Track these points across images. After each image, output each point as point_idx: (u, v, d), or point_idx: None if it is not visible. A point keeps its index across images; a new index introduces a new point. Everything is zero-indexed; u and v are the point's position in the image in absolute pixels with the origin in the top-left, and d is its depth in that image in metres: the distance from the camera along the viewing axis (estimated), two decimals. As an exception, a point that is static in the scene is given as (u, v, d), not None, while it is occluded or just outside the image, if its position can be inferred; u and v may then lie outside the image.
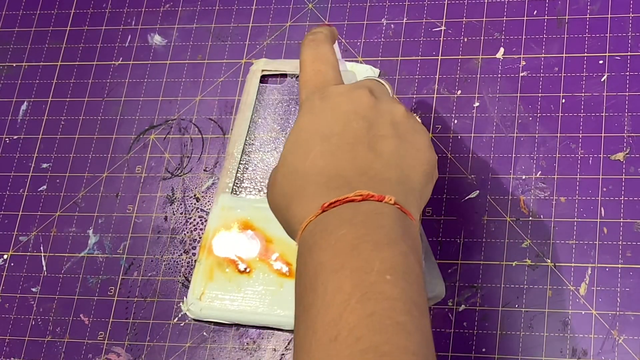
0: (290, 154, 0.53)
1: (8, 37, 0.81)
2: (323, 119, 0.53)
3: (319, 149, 0.52)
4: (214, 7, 0.77)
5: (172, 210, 0.72)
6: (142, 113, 0.75)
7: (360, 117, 0.53)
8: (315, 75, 0.56)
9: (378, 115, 0.54)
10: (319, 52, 0.57)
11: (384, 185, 0.51)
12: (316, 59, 0.57)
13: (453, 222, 0.67)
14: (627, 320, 0.62)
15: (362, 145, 0.52)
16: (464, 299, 0.65)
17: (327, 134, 0.52)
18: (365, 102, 0.54)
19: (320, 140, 0.52)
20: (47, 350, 0.69)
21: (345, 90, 0.54)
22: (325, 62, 0.57)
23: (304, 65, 0.57)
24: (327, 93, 0.54)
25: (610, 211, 0.65)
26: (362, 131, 0.52)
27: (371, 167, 0.51)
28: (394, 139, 0.53)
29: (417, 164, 0.53)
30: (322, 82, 0.56)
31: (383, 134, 0.53)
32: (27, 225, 0.74)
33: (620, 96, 0.68)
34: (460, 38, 0.72)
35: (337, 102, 0.54)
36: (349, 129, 0.52)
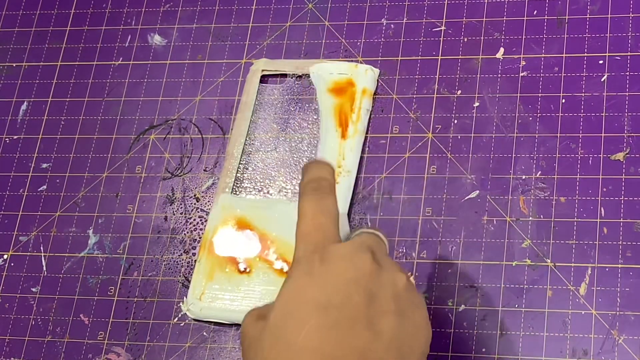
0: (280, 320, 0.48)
1: (8, 37, 0.81)
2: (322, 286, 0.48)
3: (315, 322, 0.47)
4: (214, 7, 0.77)
5: (172, 210, 0.72)
6: (142, 113, 0.75)
7: (362, 288, 0.49)
8: (317, 231, 0.51)
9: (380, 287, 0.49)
10: (323, 204, 0.52)
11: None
12: (318, 212, 0.52)
13: (453, 222, 0.67)
14: (627, 320, 0.62)
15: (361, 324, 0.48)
16: (464, 299, 0.65)
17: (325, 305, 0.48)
18: (367, 271, 0.49)
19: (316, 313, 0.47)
20: (47, 350, 0.69)
21: (348, 253, 0.50)
22: (327, 217, 0.52)
23: (304, 216, 0.52)
24: (328, 255, 0.50)
25: (610, 211, 0.65)
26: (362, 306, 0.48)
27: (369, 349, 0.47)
28: (395, 316, 0.49)
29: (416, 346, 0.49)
30: (322, 240, 0.51)
31: (384, 309, 0.49)
32: (27, 225, 0.74)
33: (620, 96, 0.68)
34: (460, 38, 0.72)
35: (338, 267, 0.49)
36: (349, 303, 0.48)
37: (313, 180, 0.53)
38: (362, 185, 0.69)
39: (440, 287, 0.65)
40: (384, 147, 0.70)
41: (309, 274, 0.49)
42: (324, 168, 0.55)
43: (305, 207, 0.52)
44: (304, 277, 0.49)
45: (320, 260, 0.49)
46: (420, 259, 0.66)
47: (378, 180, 0.69)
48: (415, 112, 0.71)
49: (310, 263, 0.49)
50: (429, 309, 0.65)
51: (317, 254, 0.50)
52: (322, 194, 0.53)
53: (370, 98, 0.71)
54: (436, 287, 0.65)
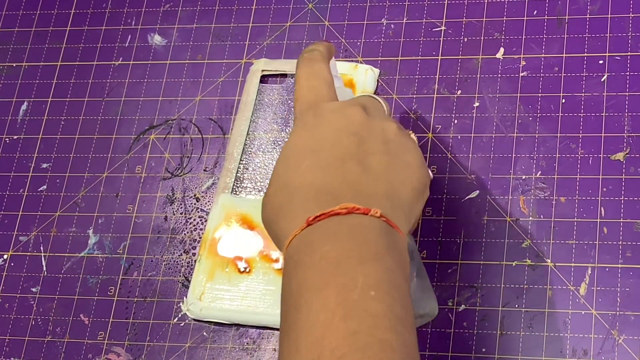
0: (281, 167, 0.53)
1: (8, 37, 0.81)
2: (315, 135, 0.53)
3: (309, 163, 0.52)
4: (214, 7, 0.77)
5: (172, 210, 0.72)
6: (142, 113, 0.75)
7: (352, 133, 0.53)
8: (310, 92, 0.56)
9: (369, 132, 0.54)
10: (314, 69, 0.57)
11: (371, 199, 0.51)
12: (311, 75, 0.57)
13: (453, 222, 0.67)
14: (627, 320, 0.62)
15: (352, 161, 0.52)
16: (464, 299, 0.65)
17: (318, 149, 0.53)
18: (357, 119, 0.54)
19: (310, 155, 0.52)
20: (47, 350, 0.69)
21: (338, 107, 0.55)
22: (319, 79, 0.57)
23: (299, 81, 0.57)
24: (320, 110, 0.55)
25: (610, 211, 0.65)
26: (352, 147, 0.53)
27: (359, 181, 0.51)
28: (384, 155, 0.53)
29: (407, 180, 0.53)
30: (316, 99, 0.56)
31: (373, 150, 0.53)
32: (27, 225, 0.74)
33: (620, 96, 0.68)
34: (460, 38, 0.72)
35: (329, 118, 0.54)
36: (339, 145, 0.53)
37: (307, 51, 0.59)
38: (362, 185, 0.69)
39: (440, 287, 0.65)
40: (384, 147, 0.70)
41: (303, 126, 0.54)
42: (319, 42, 0.60)
43: (299, 73, 0.57)
44: (299, 130, 0.54)
45: (314, 115, 0.54)
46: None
47: (378, 180, 0.69)
48: (415, 112, 0.71)
49: (305, 118, 0.55)
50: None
51: (311, 110, 0.55)
52: (314, 61, 0.58)
53: (370, 98, 0.71)
54: (436, 287, 0.65)
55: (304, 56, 0.58)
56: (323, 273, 0.47)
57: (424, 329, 0.64)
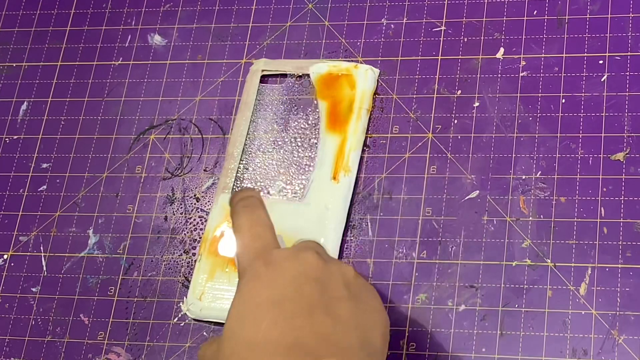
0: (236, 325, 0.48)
1: (8, 37, 0.81)
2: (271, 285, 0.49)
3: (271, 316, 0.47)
4: (214, 7, 0.77)
5: (172, 210, 0.72)
6: (142, 113, 0.75)
7: (312, 279, 0.49)
8: (255, 240, 0.52)
9: (329, 277, 0.50)
10: (255, 216, 0.54)
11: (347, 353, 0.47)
12: (253, 223, 0.53)
13: (453, 222, 0.67)
14: (627, 320, 0.62)
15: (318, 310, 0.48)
16: (464, 299, 0.65)
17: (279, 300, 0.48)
18: (314, 264, 0.50)
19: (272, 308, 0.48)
20: (47, 350, 0.69)
21: (291, 253, 0.51)
22: (263, 226, 0.53)
23: (242, 231, 0.53)
24: (272, 258, 0.51)
25: (610, 211, 0.65)
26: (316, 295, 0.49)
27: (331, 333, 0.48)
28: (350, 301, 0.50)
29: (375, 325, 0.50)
30: (262, 247, 0.52)
31: (338, 296, 0.50)
32: (27, 225, 0.74)
33: (620, 96, 0.68)
34: (460, 38, 0.72)
35: (284, 266, 0.50)
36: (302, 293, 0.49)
37: (243, 199, 0.55)
38: (362, 185, 0.69)
39: (440, 287, 0.65)
40: (384, 147, 0.70)
41: (256, 278, 0.50)
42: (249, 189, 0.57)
43: (240, 222, 0.54)
44: (252, 283, 0.50)
45: (265, 264, 0.50)
46: (420, 259, 0.66)
47: (378, 180, 0.69)
48: (415, 112, 0.71)
49: (255, 269, 0.50)
50: (429, 309, 0.65)
51: (261, 260, 0.50)
52: (253, 208, 0.54)
53: (370, 98, 0.71)
54: (436, 287, 0.65)
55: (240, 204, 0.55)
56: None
57: (423, 329, 0.64)
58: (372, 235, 0.68)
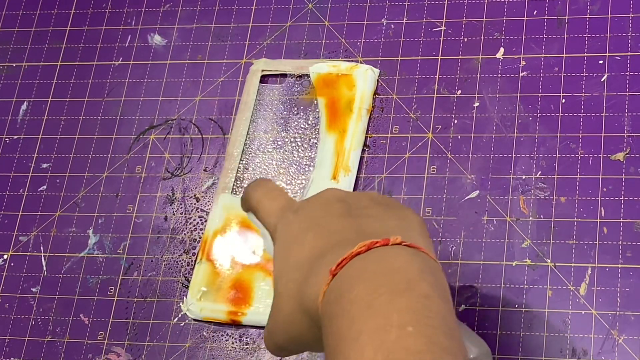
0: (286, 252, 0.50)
1: (8, 37, 0.81)
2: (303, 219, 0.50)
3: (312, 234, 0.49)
4: (214, 7, 0.77)
5: (172, 210, 0.72)
6: (142, 113, 0.75)
7: (338, 200, 0.51)
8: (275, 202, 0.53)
9: (355, 197, 0.52)
10: (268, 187, 0.54)
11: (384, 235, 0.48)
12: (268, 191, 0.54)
13: (453, 222, 0.67)
14: (627, 320, 0.62)
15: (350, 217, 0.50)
16: (464, 299, 0.65)
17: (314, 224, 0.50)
18: (337, 193, 0.52)
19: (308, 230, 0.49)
20: (47, 350, 0.69)
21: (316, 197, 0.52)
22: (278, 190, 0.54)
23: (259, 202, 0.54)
24: (298, 207, 0.52)
25: (610, 211, 0.65)
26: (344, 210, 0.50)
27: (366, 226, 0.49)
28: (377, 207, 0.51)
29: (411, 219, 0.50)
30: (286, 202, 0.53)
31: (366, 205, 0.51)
32: (27, 225, 0.74)
33: (620, 96, 0.68)
34: (460, 38, 0.72)
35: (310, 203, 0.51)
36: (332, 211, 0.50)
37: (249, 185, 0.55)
38: (362, 185, 0.69)
39: (440, 287, 0.65)
40: (384, 147, 0.70)
41: (287, 224, 0.51)
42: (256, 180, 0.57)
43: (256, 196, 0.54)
44: (284, 229, 0.51)
45: (293, 212, 0.51)
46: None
47: (378, 180, 0.69)
48: (415, 112, 0.71)
49: (285, 219, 0.51)
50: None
51: (287, 211, 0.51)
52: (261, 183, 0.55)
53: (370, 98, 0.71)
54: (436, 287, 0.65)
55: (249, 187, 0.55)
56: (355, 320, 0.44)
57: (424, 329, 0.64)
58: (372, 235, 0.68)
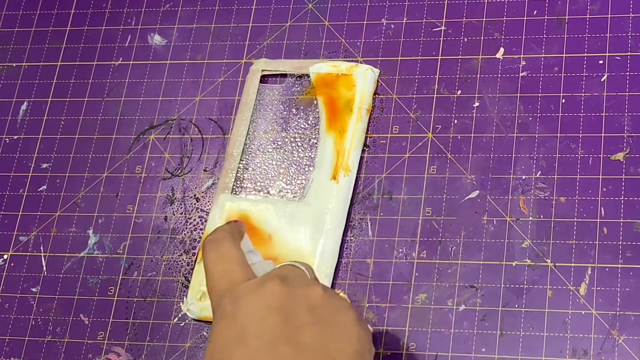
0: None
1: (8, 37, 0.81)
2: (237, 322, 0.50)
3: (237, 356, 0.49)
4: (214, 7, 0.77)
5: (172, 210, 0.72)
6: (142, 113, 0.75)
7: (274, 310, 0.50)
8: (222, 278, 0.52)
9: (293, 304, 0.50)
10: (221, 251, 0.54)
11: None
12: (219, 259, 0.53)
13: (453, 222, 0.67)
14: (627, 320, 0.62)
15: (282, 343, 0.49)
16: (464, 299, 0.65)
17: (244, 337, 0.49)
18: (276, 294, 0.50)
19: (237, 346, 0.49)
20: (47, 350, 0.69)
21: (255, 285, 0.51)
22: (229, 261, 0.53)
23: (208, 270, 0.53)
24: (236, 294, 0.51)
25: (610, 211, 0.65)
26: (279, 326, 0.49)
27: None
28: (315, 325, 0.50)
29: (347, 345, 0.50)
30: (230, 283, 0.52)
31: (301, 323, 0.50)
32: (27, 225, 0.74)
33: (620, 96, 0.68)
34: (460, 38, 0.72)
35: (247, 301, 0.50)
36: (265, 327, 0.49)
37: (210, 234, 0.55)
38: (362, 185, 0.69)
39: (440, 287, 0.65)
40: (384, 147, 0.70)
41: (223, 317, 0.50)
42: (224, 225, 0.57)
43: (206, 260, 0.54)
44: (220, 323, 0.50)
45: (231, 302, 0.51)
46: (420, 259, 0.66)
47: (378, 180, 0.69)
48: (415, 112, 0.71)
49: (222, 307, 0.51)
50: (429, 309, 0.65)
51: (227, 298, 0.51)
52: (219, 243, 0.54)
53: (370, 98, 0.71)
54: (436, 287, 0.65)
55: (207, 240, 0.55)
56: None
57: (423, 329, 0.64)
58: (372, 235, 0.68)
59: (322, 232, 0.67)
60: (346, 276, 0.67)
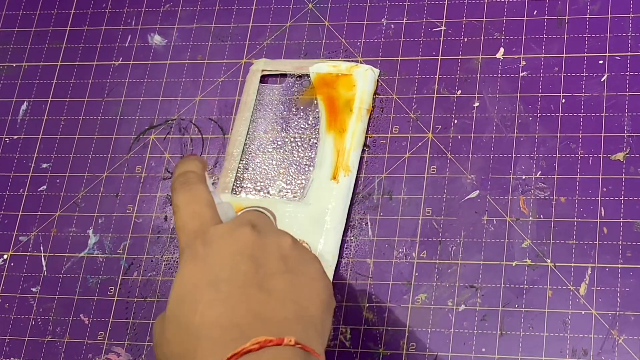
0: (176, 307, 0.49)
1: (8, 37, 0.81)
2: (208, 265, 0.50)
3: (207, 298, 0.48)
4: (214, 7, 0.77)
5: (172, 210, 0.72)
6: (142, 113, 0.75)
7: (247, 257, 0.50)
8: (193, 219, 0.52)
9: (265, 252, 0.51)
10: (192, 193, 0.54)
11: (281, 326, 0.48)
12: (190, 201, 0.53)
13: (453, 222, 0.67)
14: (627, 320, 0.62)
15: (253, 288, 0.49)
16: (464, 299, 0.65)
17: (214, 281, 0.49)
18: (249, 240, 0.51)
19: (207, 289, 0.49)
20: (47, 350, 0.69)
21: (227, 230, 0.51)
22: (200, 203, 0.53)
23: (179, 209, 0.53)
24: (209, 237, 0.51)
25: (610, 211, 0.65)
26: (251, 272, 0.49)
27: (265, 309, 0.48)
28: (285, 274, 0.50)
29: (314, 295, 0.51)
30: (200, 225, 0.52)
31: (273, 271, 0.50)
32: (27, 225, 0.74)
33: (620, 96, 0.68)
34: (460, 38, 0.72)
35: (220, 245, 0.51)
36: (237, 273, 0.49)
37: (180, 175, 0.55)
38: (362, 185, 0.69)
39: (440, 287, 0.65)
40: (384, 147, 0.70)
41: (193, 258, 0.50)
42: (191, 162, 0.57)
43: (177, 200, 0.54)
44: (190, 264, 0.50)
45: (202, 244, 0.51)
46: (420, 259, 0.66)
47: (378, 180, 0.69)
48: (415, 112, 0.71)
49: (193, 248, 0.51)
50: (429, 309, 0.65)
51: (198, 239, 0.51)
52: (191, 185, 0.54)
53: (370, 98, 0.71)
54: (436, 287, 0.65)
55: (178, 181, 0.55)
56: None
57: (423, 329, 0.64)
58: (372, 235, 0.68)
59: (322, 232, 0.67)
60: (346, 276, 0.67)
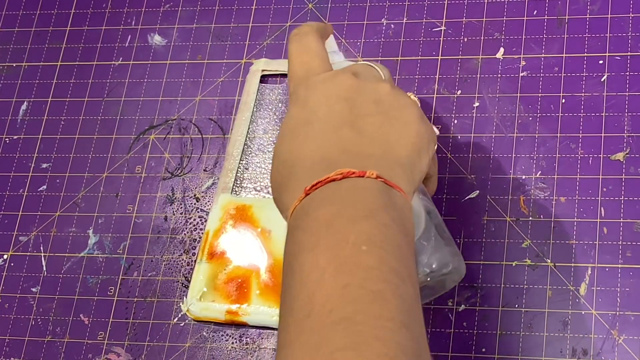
0: (279, 144, 0.54)
1: (8, 37, 0.81)
2: (307, 107, 0.54)
3: (304, 135, 0.53)
4: (214, 7, 0.77)
5: (172, 210, 0.72)
6: (142, 113, 0.75)
7: (342, 98, 0.54)
8: (300, 67, 0.57)
9: (360, 95, 0.54)
10: (303, 44, 0.58)
11: (366, 161, 0.51)
12: (300, 51, 0.57)
13: (453, 222, 0.67)
14: (627, 320, 0.62)
15: (345, 127, 0.52)
16: (464, 299, 0.65)
17: (311, 120, 0.53)
18: (347, 84, 0.54)
19: (304, 128, 0.53)
20: (47, 350, 0.69)
21: (328, 76, 0.55)
22: (309, 53, 0.57)
23: (290, 59, 0.58)
24: (311, 82, 0.55)
25: (610, 211, 0.65)
26: (345, 112, 0.53)
27: (354, 145, 0.52)
28: (378, 115, 0.53)
29: (404, 137, 0.53)
30: (306, 73, 0.56)
31: (366, 112, 0.53)
32: (27, 225, 0.74)
33: (620, 96, 0.68)
34: (460, 38, 0.72)
35: (319, 89, 0.54)
36: (332, 112, 0.53)
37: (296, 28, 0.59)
38: (362, 185, 0.69)
39: (440, 287, 0.65)
40: (384, 147, 0.70)
41: (296, 102, 0.55)
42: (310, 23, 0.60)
43: (290, 51, 0.58)
44: (293, 107, 0.55)
45: (305, 89, 0.55)
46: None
47: (378, 180, 0.69)
48: (415, 112, 0.70)
49: (297, 93, 0.55)
50: (429, 309, 0.65)
51: (302, 85, 0.55)
52: (302, 36, 0.58)
53: (370, 98, 0.71)
54: (436, 287, 0.65)
55: (292, 33, 0.59)
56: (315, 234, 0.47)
57: (424, 329, 0.64)
58: (372, 235, 0.68)
59: (322, 232, 0.67)
60: (346, 276, 0.67)
